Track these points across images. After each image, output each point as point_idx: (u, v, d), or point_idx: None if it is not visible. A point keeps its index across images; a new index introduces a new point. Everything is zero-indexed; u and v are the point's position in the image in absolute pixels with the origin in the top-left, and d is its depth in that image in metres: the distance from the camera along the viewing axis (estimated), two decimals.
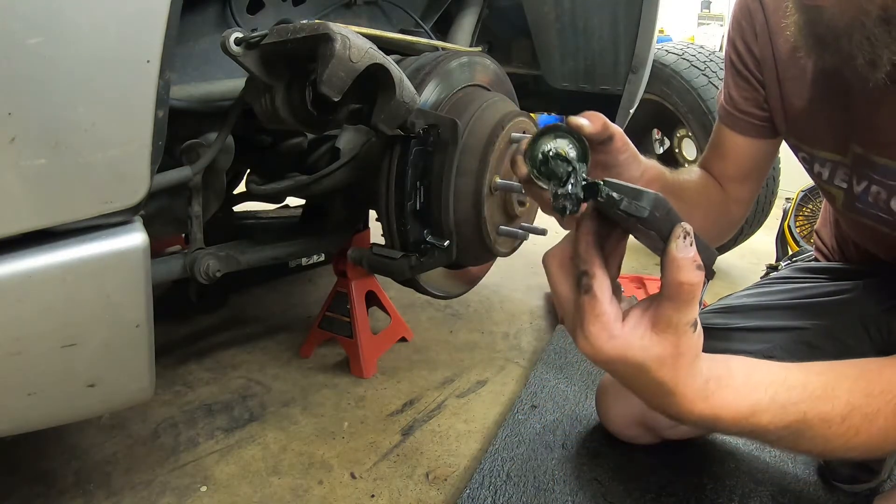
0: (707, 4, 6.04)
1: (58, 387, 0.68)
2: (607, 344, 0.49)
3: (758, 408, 0.56)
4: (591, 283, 0.50)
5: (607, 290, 0.50)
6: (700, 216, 0.96)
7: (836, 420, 0.59)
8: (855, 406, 0.59)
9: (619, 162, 0.75)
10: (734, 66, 0.97)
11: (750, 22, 0.92)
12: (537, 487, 1.08)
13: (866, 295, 1.00)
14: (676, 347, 0.50)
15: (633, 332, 0.50)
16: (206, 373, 1.46)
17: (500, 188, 1.12)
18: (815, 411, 0.58)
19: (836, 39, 0.63)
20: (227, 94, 0.99)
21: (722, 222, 1.05)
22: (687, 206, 0.92)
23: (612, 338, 0.49)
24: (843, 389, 0.60)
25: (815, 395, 0.59)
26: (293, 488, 1.09)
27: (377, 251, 1.09)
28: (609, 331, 0.49)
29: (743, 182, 1.03)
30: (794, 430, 0.58)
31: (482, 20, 1.51)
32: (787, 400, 0.58)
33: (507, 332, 1.76)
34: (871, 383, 0.60)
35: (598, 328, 0.49)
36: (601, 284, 0.50)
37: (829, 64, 0.68)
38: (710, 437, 1.24)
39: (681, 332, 0.49)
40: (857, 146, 0.83)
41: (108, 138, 0.60)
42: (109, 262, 0.65)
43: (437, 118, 1.03)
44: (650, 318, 0.50)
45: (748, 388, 0.57)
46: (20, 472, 1.10)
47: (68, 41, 0.56)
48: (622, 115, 1.68)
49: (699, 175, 1.03)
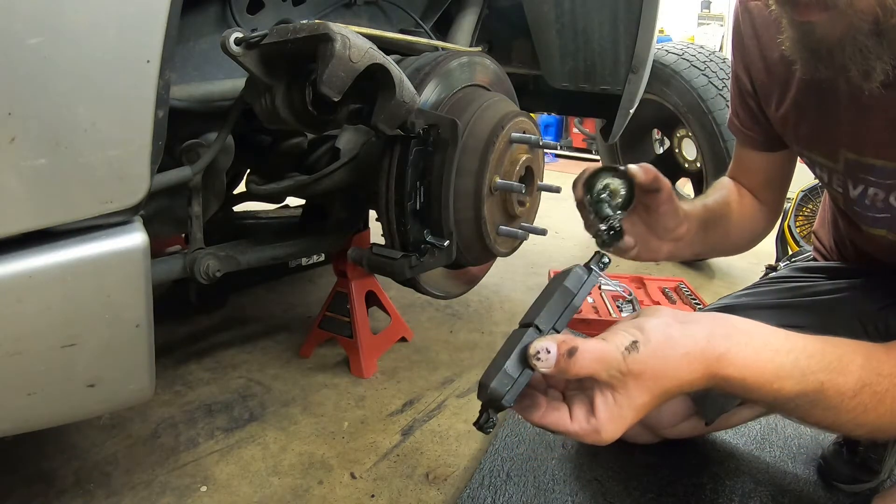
0: (707, 4, 6.05)
1: (58, 387, 0.68)
2: (602, 436, 0.57)
3: (781, 372, 0.59)
4: (550, 430, 0.59)
5: (560, 420, 0.59)
6: (737, 233, 1.07)
7: (849, 394, 0.60)
8: (866, 383, 0.61)
9: (661, 212, 0.87)
10: (735, 84, 1.02)
11: (740, 37, 0.96)
12: (537, 487, 1.08)
13: (864, 293, 1.01)
14: (637, 376, 0.56)
15: (608, 409, 0.57)
16: (206, 373, 1.46)
17: (500, 188, 1.12)
18: (832, 382, 0.60)
19: (830, 52, 0.65)
20: (227, 94, 0.99)
21: (757, 229, 1.12)
22: (729, 225, 1.04)
23: (598, 431, 0.57)
24: (856, 365, 0.61)
25: (832, 366, 0.61)
26: (293, 488, 1.09)
27: (377, 251, 1.09)
28: (591, 431, 0.57)
29: (766, 190, 1.09)
30: (811, 400, 0.60)
31: (482, 20, 1.52)
32: (808, 368, 0.60)
33: (507, 332, 1.75)
34: (880, 363, 0.62)
35: (585, 439, 0.57)
36: (554, 423, 0.58)
37: (824, 76, 0.70)
38: (710, 436, 1.24)
39: (627, 369, 0.56)
40: (849, 152, 0.85)
41: (108, 138, 0.60)
42: (109, 262, 0.65)
43: (437, 118, 1.03)
44: (608, 388, 0.57)
45: (770, 350, 0.59)
46: (20, 472, 1.10)
47: (68, 41, 0.56)
48: (622, 115, 1.68)
49: (730, 189, 1.09)
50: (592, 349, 0.55)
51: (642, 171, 0.81)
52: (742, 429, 1.26)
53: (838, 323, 0.99)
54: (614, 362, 0.55)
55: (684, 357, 0.57)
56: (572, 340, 0.55)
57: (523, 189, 1.12)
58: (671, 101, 2.27)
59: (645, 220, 0.90)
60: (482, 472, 1.11)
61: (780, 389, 0.59)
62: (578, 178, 0.86)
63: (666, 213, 0.88)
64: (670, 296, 2.01)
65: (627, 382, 0.56)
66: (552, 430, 0.58)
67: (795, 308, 1.05)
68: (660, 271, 2.37)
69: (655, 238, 0.91)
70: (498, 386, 0.56)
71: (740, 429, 1.26)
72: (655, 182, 0.83)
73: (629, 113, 1.68)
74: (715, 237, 1.02)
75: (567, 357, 0.54)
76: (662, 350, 0.57)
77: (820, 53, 0.66)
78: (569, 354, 0.54)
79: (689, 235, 0.93)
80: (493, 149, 1.09)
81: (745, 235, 1.10)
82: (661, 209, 0.87)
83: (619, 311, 1.86)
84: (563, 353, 0.54)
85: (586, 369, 0.55)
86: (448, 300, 1.86)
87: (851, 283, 1.04)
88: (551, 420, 0.58)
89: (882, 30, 0.61)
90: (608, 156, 2.82)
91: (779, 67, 0.89)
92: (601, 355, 0.55)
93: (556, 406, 0.59)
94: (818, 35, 0.65)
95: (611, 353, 0.56)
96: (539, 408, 0.58)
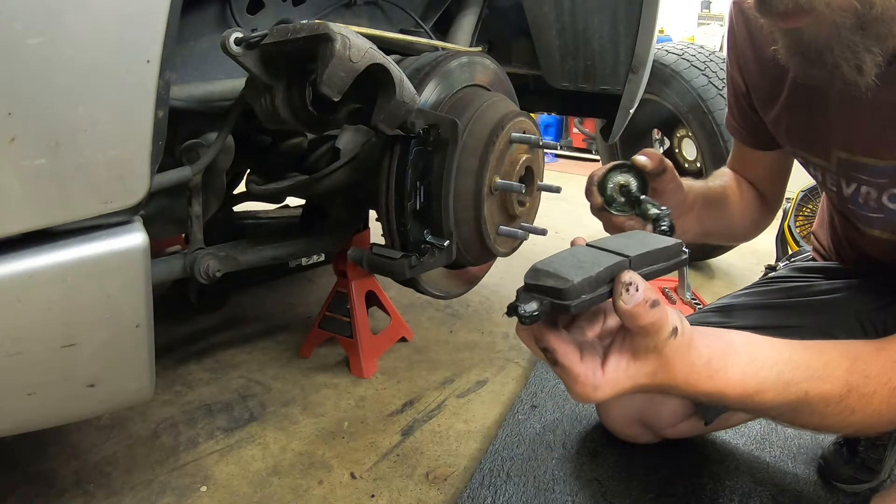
0: (707, 4, 6.04)
1: (58, 387, 0.68)
2: (596, 393, 0.54)
3: (763, 386, 0.59)
4: (554, 357, 0.54)
5: (572, 354, 0.54)
6: (738, 217, 1.10)
7: (835, 400, 0.61)
8: (853, 387, 0.61)
9: (668, 189, 0.90)
10: (731, 84, 1.04)
11: (734, 38, 0.98)
12: (537, 487, 1.08)
13: (861, 293, 1.01)
14: (661, 358, 0.54)
15: (616, 370, 0.54)
16: (206, 373, 1.46)
17: (500, 188, 1.12)
18: (817, 391, 0.61)
19: (820, 54, 0.66)
20: (227, 94, 0.99)
21: (757, 216, 1.14)
22: (730, 209, 1.07)
23: (596, 388, 0.54)
24: (842, 370, 0.62)
25: (817, 374, 0.61)
26: (293, 488, 1.09)
27: (377, 251, 1.09)
28: (592, 384, 0.54)
29: (765, 182, 1.12)
30: (795, 408, 0.61)
31: (482, 20, 1.51)
32: (791, 379, 0.60)
33: (507, 332, 1.76)
34: (868, 364, 0.63)
35: (580, 387, 0.54)
36: (564, 352, 0.54)
37: (819, 78, 0.71)
38: (710, 436, 1.24)
39: (660, 348, 0.53)
40: (841, 151, 0.86)
41: (108, 138, 0.60)
42: (109, 262, 0.65)
43: (437, 118, 1.03)
44: (629, 351, 0.54)
45: (754, 366, 0.59)
46: (20, 472, 1.10)
47: (68, 41, 0.56)
48: (622, 115, 1.68)
49: (731, 178, 1.12)
50: (665, 315, 0.52)
51: (648, 159, 0.84)
52: (742, 429, 1.26)
53: (836, 323, 0.99)
54: (662, 335, 0.53)
55: (690, 366, 0.57)
56: (656, 293, 0.52)
57: (523, 189, 1.12)
58: (671, 101, 2.27)
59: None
60: (482, 472, 1.11)
61: (761, 402, 0.60)
62: (589, 185, 0.87)
63: (674, 191, 0.91)
64: (670, 296, 2.01)
65: (650, 359, 0.54)
66: (555, 360, 0.54)
67: (794, 308, 1.05)
68: None
69: None
70: (579, 286, 0.49)
71: (740, 429, 1.26)
72: (661, 164, 0.86)
73: (629, 113, 1.68)
74: (717, 218, 1.05)
75: (647, 306, 0.50)
76: (685, 348, 0.56)
77: (811, 57, 0.68)
78: (651, 305, 0.51)
79: (697, 207, 0.97)
80: (493, 149, 1.09)
81: (746, 221, 1.13)
82: (669, 187, 0.90)
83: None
84: (647, 300, 0.50)
85: (647, 327, 0.52)
86: (448, 300, 1.86)
87: (849, 283, 1.04)
88: (562, 349, 0.54)
89: (865, 23, 0.62)
90: (608, 156, 2.82)
91: (771, 69, 0.89)
92: (663, 325, 0.52)
93: (570, 342, 0.55)
94: (806, 39, 0.66)
95: (667, 327, 0.53)
96: (559, 331, 0.55)
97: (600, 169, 0.87)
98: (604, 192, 0.85)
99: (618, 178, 0.84)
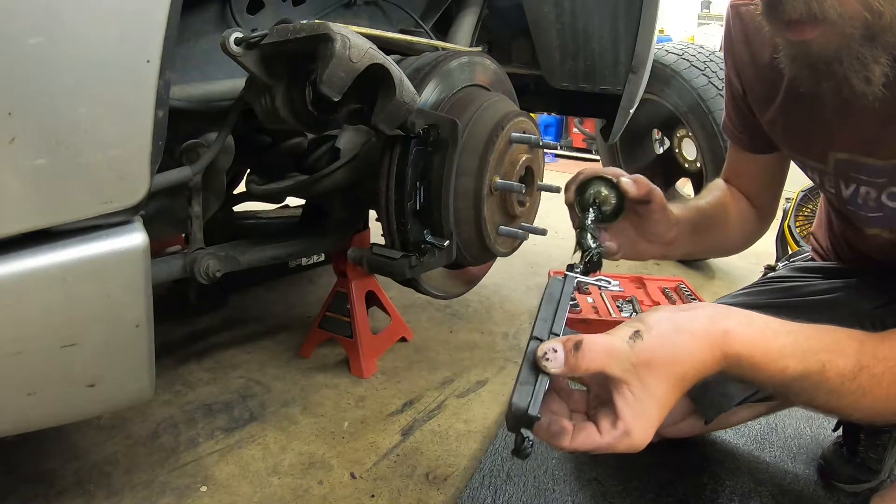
0: (707, 4, 6.05)
1: (58, 387, 0.68)
2: (633, 439, 0.56)
3: (785, 351, 0.60)
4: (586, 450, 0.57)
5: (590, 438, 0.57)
6: (731, 232, 1.09)
7: (849, 376, 0.61)
8: (864, 365, 0.62)
9: (653, 220, 0.89)
10: (728, 87, 1.03)
11: (731, 41, 0.98)
12: (537, 487, 1.08)
13: (860, 293, 1.01)
14: (644, 362, 0.56)
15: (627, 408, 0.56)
16: (206, 373, 1.46)
17: (500, 188, 1.12)
18: (832, 364, 0.61)
19: (829, 66, 0.66)
20: (227, 94, 0.99)
21: (750, 231, 1.14)
22: (722, 228, 1.06)
23: (628, 434, 0.56)
24: (852, 348, 0.62)
25: (830, 347, 0.62)
26: (293, 488, 1.09)
27: (377, 251, 1.09)
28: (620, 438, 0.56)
29: (759, 193, 1.11)
30: (815, 382, 0.61)
31: (482, 20, 1.51)
32: (808, 348, 0.61)
33: (507, 332, 1.76)
34: (875, 347, 0.63)
35: (622, 447, 0.56)
36: (583, 444, 0.57)
37: (827, 88, 0.71)
38: (710, 436, 1.24)
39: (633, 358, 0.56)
40: (838, 152, 0.86)
41: (108, 138, 0.60)
42: (109, 262, 0.65)
43: (437, 118, 1.03)
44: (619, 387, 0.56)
45: (771, 330, 0.60)
46: (20, 472, 1.10)
47: (68, 41, 0.56)
48: (622, 116, 1.68)
49: (724, 191, 1.11)
50: (598, 340, 0.55)
51: (635, 186, 0.83)
52: (742, 429, 1.26)
53: (835, 322, 0.99)
54: (621, 352, 0.55)
55: (692, 338, 0.58)
56: (576, 336, 0.55)
57: (523, 189, 1.12)
58: (671, 102, 2.27)
59: (635, 225, 0.92)
60: (482, 472, 1.11)
61: (785, 369, 0.60)
62: (572, 180, 0.87)
63: (658, 222, 0.90)
64: (670, 296, 2.01)
65: (640, 373, 0.56)
66: (585, 451, 0.57)
67: (792, 308, 1.05)
68: (660, 271, 2.37)
69: (644, 241, 0.93)
70: (518, 400, 0.55)
71: (740, 429, 1.26)
72: (648, 195, 0.85)
73: (629, 113, 1.68)
74: (707, 240, 1.04)
75: (574, 351, 0.54)
76: (668, 335, 0.57)
77: (819, 68, 0.68)
78: (575, 348, 0.54)
79: (680, 240, 0.95)
80: (493, 149, 1.09)
81: (738, 238, 1.12)
82: (653, 218, 0.89)
83: (620, 310, 1.86)
84: (569, 349, 0.54)
85: (595, 363, 0.55)
86: (448, 300, 1.86)
87: (848, 282, 1.04)
88: (581, 440, 0.57)
89: (874, 33, 0.62)
90: (608, 156, 2.82)
91: (768, 72, 0.90)
92: (607, 346, 0.55)
93: (582, 426, 0.58)
94: (815, 52, 0.66)
95: (615, 343, 0.56)
96: (567, 433, 0.58)
97: (591, 170, 0.87)
98: (581, 193, 0.85)
99: (600, 188, 0.84)
